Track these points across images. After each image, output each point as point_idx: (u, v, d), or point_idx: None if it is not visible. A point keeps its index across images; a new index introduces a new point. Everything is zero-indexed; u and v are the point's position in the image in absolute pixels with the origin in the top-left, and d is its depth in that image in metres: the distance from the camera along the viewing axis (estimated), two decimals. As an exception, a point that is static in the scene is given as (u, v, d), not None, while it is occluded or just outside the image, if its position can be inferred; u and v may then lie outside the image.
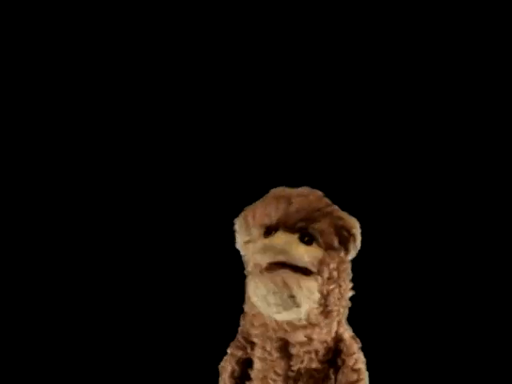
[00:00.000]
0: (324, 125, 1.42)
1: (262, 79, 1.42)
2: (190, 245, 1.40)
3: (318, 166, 1.39)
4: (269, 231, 0.95)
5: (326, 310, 0.96)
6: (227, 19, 1.42)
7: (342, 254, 0.96)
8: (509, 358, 1.37)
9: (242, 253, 1.01)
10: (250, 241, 0.97)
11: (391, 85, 1.41)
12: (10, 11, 1.41)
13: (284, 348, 0.97)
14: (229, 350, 1.04)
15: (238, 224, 1.00)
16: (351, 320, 1.02)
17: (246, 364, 1.03)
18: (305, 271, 0.93)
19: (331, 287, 0.95)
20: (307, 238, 0.94)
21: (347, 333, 1.01)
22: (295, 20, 1.42)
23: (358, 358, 1.01)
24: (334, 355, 1.00)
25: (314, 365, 0.99)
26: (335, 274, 0.95)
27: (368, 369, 1.02)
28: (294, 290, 0.90)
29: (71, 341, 1.40)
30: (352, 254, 0.98)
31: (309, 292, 0.92)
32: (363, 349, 1.02)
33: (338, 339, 1.00)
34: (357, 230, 0.97)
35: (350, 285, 0.99)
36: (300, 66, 1.42)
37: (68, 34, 1.42)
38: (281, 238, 0.92)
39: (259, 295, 0.91)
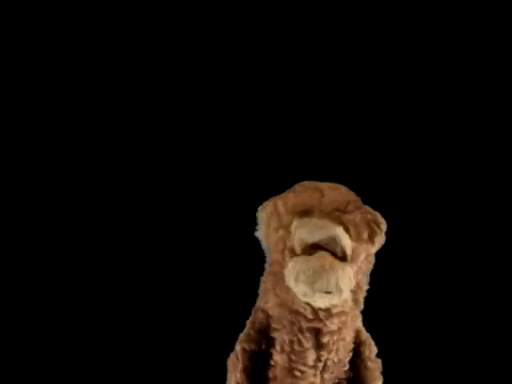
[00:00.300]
0: (325, 124, 1.43)
1: (261, 78, 1.43)
2: (193, 240, 1.39)
3: (319, 164, 1.40)
4: (303, 215, 0.96)
5: (355, 298, 0.99)
6: (227, 19, 1.43)
7: (370, 246, 0.98)
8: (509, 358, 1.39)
9: (264, 243, 1.01)
10: (279, 228, 0.97)
11: (393, 85, 1.43)
12: (9, 11, 1.39)
13: (315, 337, 0.98)
14: (238, 346, 1.03)
15: (265, 212, 0.99)
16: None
17: (258, 359, 1.02)
18: (341, 258, 0.94)
19: (360, 277, 0.99)
20: (342, 227, 0.95)
21: (364, 330, 1.04)
22: (295, 19, 1.43)
23: (376, 349, 1.05)
24: (354, 346, 1.03)
25: (341, 355, 1.01)
26: (364, 265, 0.98)
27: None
28: (339, 273, 0.91)
29: (71, 341, 1.38)
30: (376, 248, 1.00)
31: (349, 278, 0.93)
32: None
33: (357, 330, 1.03)
34: (385, 226, 1.00)
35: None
36: (302, 66, 1.44)
37: (68, 33, 1.40)
38: (320, 219, 0.94)
39: (303, 280, 0.91)
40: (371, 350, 1.04)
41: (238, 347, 1.02)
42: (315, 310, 0.96)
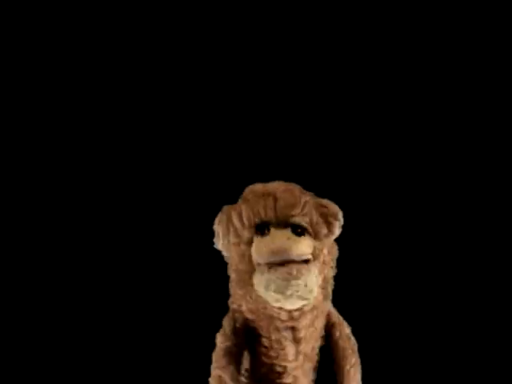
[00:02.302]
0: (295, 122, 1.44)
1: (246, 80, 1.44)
2: (171, 244, 1.40)
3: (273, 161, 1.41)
4: (261, 229, 0.97)
5: (324, 292, 1.01)
6: (224, 18, 1.43)
7: (330, 238, 1.01)
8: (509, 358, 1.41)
9: (224, 253, 1.02)
10: (240, 242, 0.98)
11: (387, 85, 1.43)
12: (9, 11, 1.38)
13: (292, 334, 1.00)
14: (228, 343, 1.02)
15: (221, 225, 1.00)
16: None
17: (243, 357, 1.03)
18: (305, 261, 0.96)
19: (326, 271, 1.01)
20: (299, 230, 0.97)
21: (331, 307, 1.07)
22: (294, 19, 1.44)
23: (348, 328, 1.08)
24: (326, 329, 1.06)
25: (316, 343, 1.04)
26: (328, 258, 1.01)
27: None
28: (307, 277, 0.94)
29: (71, 340, 1.40)
30: (336, 235, 1.02)
31: (315, 277, 0.96)
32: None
33: (328, 313, 1.05)
34: (341, 215, 1.01)
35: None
36: (293, 67, 1.44)
37: (68, 33, 1.41)
38: (278, 237, 0.95)
39: (273, 289, 0.93)
40: (341, 330, 1.06)
41: (227, 343, 1.02)
42: (289, 312, 0.98)
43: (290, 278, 0.93)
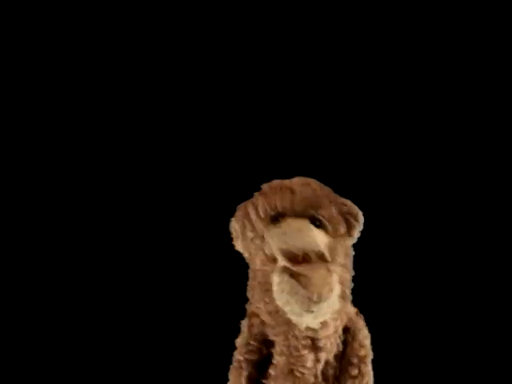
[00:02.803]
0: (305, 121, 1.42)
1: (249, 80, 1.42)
2: (184, 246, 1.38)
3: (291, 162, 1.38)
4: (275, 220, 0.93)
5: (344, 296, 0.97)
6: (225, 18, 1.42)
7: (348, 240, 0.97)
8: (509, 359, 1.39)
9: (244, 254, 0.99)
10: (256, 236, 0.95)
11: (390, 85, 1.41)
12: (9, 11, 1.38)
13: (312, 343, 0.97)
14: (240, 357, 1.01)
15: (238, 221, 0.97)
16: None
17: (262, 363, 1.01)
18: (321, 258, 0.91)
19: (344, 274, 0.96)
20: (317, 223, 0.93)
21: (352, 309, 1.02)
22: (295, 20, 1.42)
23: (365, 334, 1.03)
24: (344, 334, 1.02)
25: (336, 350, 1.00)
26: (346, 260, 0.96)
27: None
28: (329, 299, 0.89)
29: (72, 340, 1.39)
30: (354, 240, 0.99)
31: (336, 289, 0.91)
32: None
33: (347, 316, 1.01)
34: (361, 216, 0.98)
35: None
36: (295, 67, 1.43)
37: (68, 33, 1.40)
38: (292, 223, 0.91)
39: (291, 310, 0.89)
40: (355, 336, 1.01)
41: (239, 357, 1.01)
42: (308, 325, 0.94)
43: (311, 304, 0.87)
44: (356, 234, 0.98)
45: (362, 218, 0.98)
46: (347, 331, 1.01)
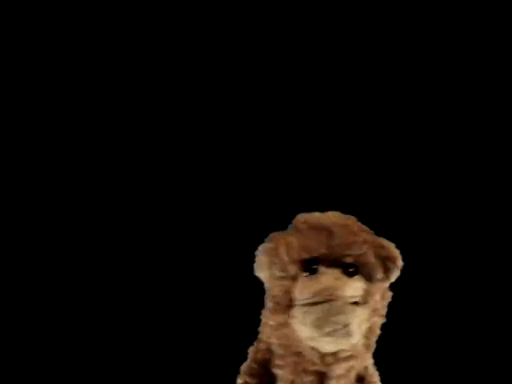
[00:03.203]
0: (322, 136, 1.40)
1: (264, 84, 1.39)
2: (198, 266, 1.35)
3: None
4: (309, 266, 0.89)
5: (367, 342, 0.93)
6: (227, 19, 1.39)
7: (385, 283, 0.92)
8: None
9: (266, 284, 0.94)
10: (284, 277, 0.90)
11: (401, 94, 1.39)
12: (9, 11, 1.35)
13: (320, 381, 0.92)
14: (241, 379, 0.98)
15: (266, 256, 0.92)
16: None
17: None
18: (353, 303, 0.88)
19: (375, 319, 0.92)
20: (351, 270, 0.89)
21: (370, 360, 0.98)
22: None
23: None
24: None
25: None
26: (379, 304, 0.92)
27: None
28: (349, 317, 0.86)
29: (71, 341, 1.36)
30: (391, 281, 0.94)
31: (361, 321, 0.88)
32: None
33: (365, 367, 0.97)
34: (400, 260, 0.93)
35: None
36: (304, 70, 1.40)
37: (68, 33, 1.38)
38: (326, 277, 0.88)
39: (310, 322, 0.86)
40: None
41: (240, 380, 0.98)
42: (322, 355, 0.90)
43: (330, 314, 0.85)
44: (394, 276, 0.92)
45: (400, 261, 0.93)
46: (360, 381, 0.97)
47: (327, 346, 0.88)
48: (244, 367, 0.99)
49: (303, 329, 0.88)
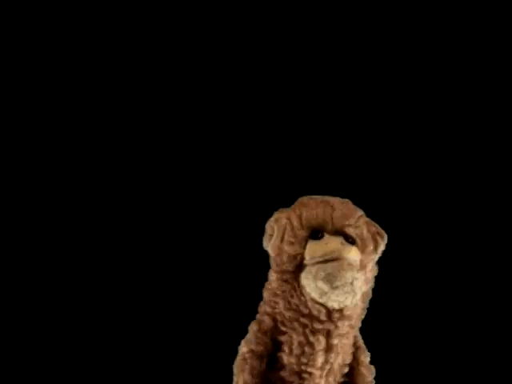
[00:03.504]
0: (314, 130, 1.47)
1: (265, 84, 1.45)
2: (197, 246, 1.41)
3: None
4: (315, 234, 1.02)
5: (362, 306, 1.06)
6: (228, 20, 1.44)
7: (373, 256, 1.05)
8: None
9: (271, 253, 1.05)
10: (295, 242, 1.02)
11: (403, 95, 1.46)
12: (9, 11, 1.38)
13: (326, 339, 1.03)
14: (245, 348, 1.05)
15: (279, 225, 1.04)
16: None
17: (264, 360, 1.05)
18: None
19: (367, 288, 1.05)
20: (350, 240, 1.03)
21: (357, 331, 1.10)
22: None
23: (368, 357, 1.11)
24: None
25: (346, 357, 1.07)
26: (370, 275, 1.05)
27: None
28: (355, 275, 1.00)
29: (71, 341, 1.39)
30: (378, 256, 1.07)
31: (361, 284, 1.02)
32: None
33: (355, 336, 1.09)
34: (386, 237, 1.07)
35: None
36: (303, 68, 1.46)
37: (68, 33, 1.41)
38: (332, 241, 1.01)
39: (322, 277, 0.98)
40: (365, 355, 1.10)
41: (244, 349, 1.05)
42: (329, 312, 1.01)
43: (340, 270, 0.98)
44: (380, 250, 1.06)
45: (386, 239, 1.07)
46: (357, 351, 1.09)
47: (335, 301, 1.00)
48: (248, 337, 1.06)
49: (314, 286, 1.00)
